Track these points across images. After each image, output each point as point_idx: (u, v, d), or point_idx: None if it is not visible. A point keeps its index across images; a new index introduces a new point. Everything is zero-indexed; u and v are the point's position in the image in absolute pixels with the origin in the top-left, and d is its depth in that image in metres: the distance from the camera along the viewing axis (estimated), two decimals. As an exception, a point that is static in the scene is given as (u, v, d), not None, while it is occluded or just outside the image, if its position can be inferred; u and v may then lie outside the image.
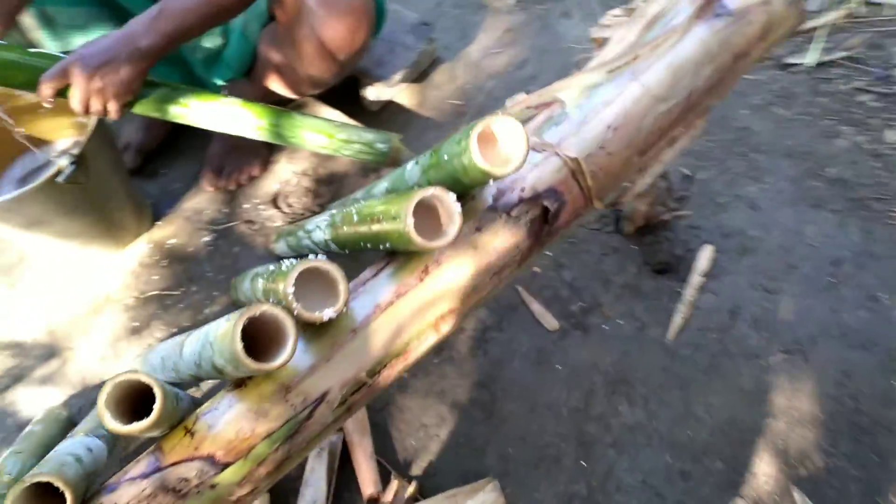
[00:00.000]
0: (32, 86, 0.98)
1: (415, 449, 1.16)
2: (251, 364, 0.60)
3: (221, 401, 0.72)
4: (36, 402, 1.22)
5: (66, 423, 1.15)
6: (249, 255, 1.36)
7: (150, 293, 1.32)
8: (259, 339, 0.65)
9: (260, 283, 0.83)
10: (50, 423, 1.10)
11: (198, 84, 1.40)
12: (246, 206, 1.42)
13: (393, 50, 1.48)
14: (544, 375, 1.22)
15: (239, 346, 0.60)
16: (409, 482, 1.11)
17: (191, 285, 1.33)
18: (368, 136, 1.13)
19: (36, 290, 1.34)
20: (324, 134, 1.12)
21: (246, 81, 1.35)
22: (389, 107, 1.54)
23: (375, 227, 0.75)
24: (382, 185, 0.99)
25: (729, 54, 0.93)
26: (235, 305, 1.29)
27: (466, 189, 0.75)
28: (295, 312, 0.66)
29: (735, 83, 0.98)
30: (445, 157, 0.73)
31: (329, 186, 1.44)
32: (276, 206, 1.41)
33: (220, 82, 1.36)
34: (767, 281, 1.31)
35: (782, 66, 1.59)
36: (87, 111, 0.98)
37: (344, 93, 1.50)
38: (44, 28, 1.28)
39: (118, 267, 1.35)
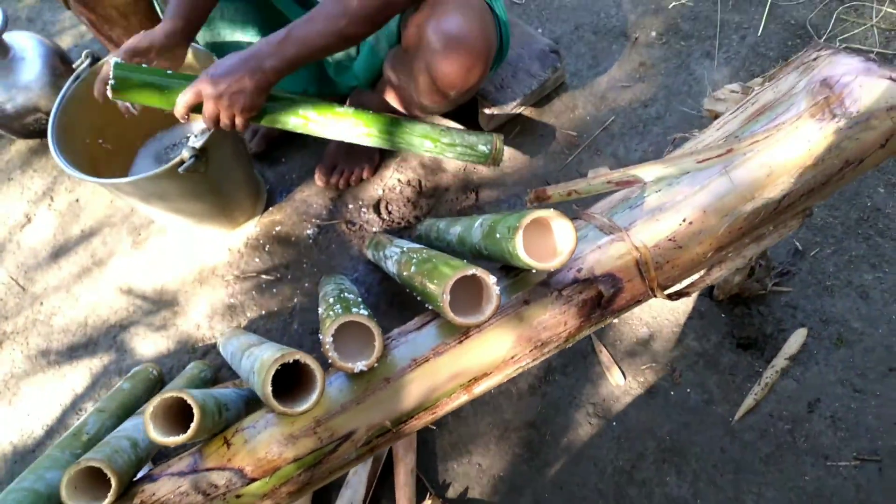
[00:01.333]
0: (170, 105, 1.09)
1: (455, 473, 1.21)
2: (277, 407, 0.66)
3: (260, 420, 0.79)
4: (137, 354, 1.38)
5: (156, 382, 1.30)
6: (344, 254, 1.45)
7: (250, 274, 1.44)
8: (295, 371, 0.71)
9: (321, 309, 0.89)
10: (138, 381, 1.24)
11: (328, 84, 1.48)
12: (350, 206, 1.50)
13: (516, 75, 1.48)
14: (598, 429, 1.22)
15: (268, 389, 0.66)
16: (443, 505, 1.16)
17: (287, 273, 1.44)
18: (471, 138, 1.17)
19: (154, 251, 1.50)
20: (429, 139, 1.17)
21: (370, 91, 1.41)
22: (504, 128, 1.55)
23: (424, 285, 0.79)
24: (457, 228, 1.03)
25: (839, 160, 0.87)
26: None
27: (514, 267, 0.77)
28: (329, 360, 0.72)
29: (837, 190, 0.91)
30: (498, 236, 0.75)
31: (429, 199, 1.49)
32: (377, 212, 1.48)
33: (347, 87, 1.44)
34: (858, 379, 1.22)
35: None
36: (216, 125, 1.07)
37: (462, 108, 1.53)
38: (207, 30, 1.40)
39: (227, 244, 1.48)
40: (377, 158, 1.53)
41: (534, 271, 0.81)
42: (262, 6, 1.38)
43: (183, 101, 1.06)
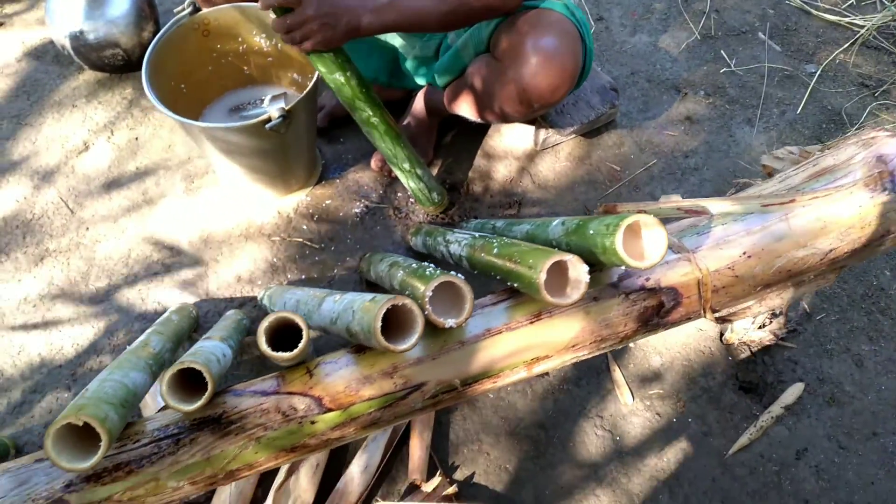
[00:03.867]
0: None
1: (465, 457, 1.27)
2: (382, 341, 0.73)
3: (341, 357, 0.86)
4: (175, 295, 1.43)
5: (195, 321, 1.35)
6: (386, 237, 1.52)
7: (295, 239, 1.50)
8: (388, 318, 0.78)
9: (400, 273, 0.96)
10: (183, 316, 1.29)
11: (399, 77, 1.57)
12: (399, 194, 1.57)
13: (577, 104, 1.58)
14: (602, 441, 1.30)
15: (378, 323, 0.73)
16: (451, 484, 1.22)
17: (330, 244, 1.50)
18: (433, 184, 1.45)
19: (206, 200, 1.55)
20: (410, 161, 1.38)
21: (441, 91, 1.50)
22: (553, 150, 1.65)
23: (510, 266, 0.87)
24: (525, 226, 1.11)
25: (882, 228, 0.97)
26: (360, 276, 1.44)
27: (597, 263, 0.85)
28: (425, 312, 0.79)
29: (878, 254, 1.02)
30: (591, 232, 0.83)
31: (473, 203, 1.57)
32: (423, 204, 1.56)
33: (420, 83, 1.52)
34: (845, 437, 1.32)
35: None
36: (287, 34, 1.13)
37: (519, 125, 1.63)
38: None
39: (278, 207, 1.54)
40: (431, 154, 1.61)
41: (612, 271, 0.89)
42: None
43: None
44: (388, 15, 1.14)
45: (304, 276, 1.46)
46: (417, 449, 1.24)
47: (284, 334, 0.81)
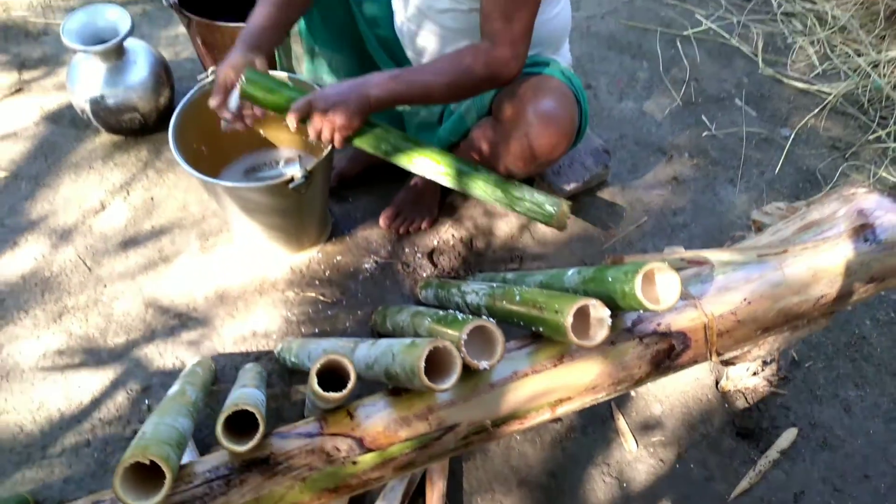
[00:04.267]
0: (283, 111, 1.23)
1: (479, 505, 1.31)
2: (425, 381, 0.79)
3: (379, 401, 0.91)
4: (192, 349, 1.46)
5: (214, 374, 1.39)
6: (395, 292, 1.58)
7: (308, 294, 1.56)
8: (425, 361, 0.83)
9: (426, 321, 1.03)
10: (206, 368, 1.33)
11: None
12: (407, 250, 1.65)
13: (572, 165, 1.69)
14: (610, 488, 1.35)
15: (422, 364, 0.79)
16: (468, 531, 1.25)
17: (342, 299, 1.56)
18: (539, 197, 1.28)
19: (220, 257, 1.61)
20: (500, 189, 1.29)
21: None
22: (550, 209, 1.74)
23: (535, 313, 0.94)
24: (538, 277, 1.18)
25: (866, 275, 1.06)
26: (372, 329, 1.50)
27: (615, 308, 0.93)
28: (461, 354, 0.85)
29: (864, 299, 1.11)
30: (609, 279, 0.91)
31: (477, 257, 1.65)
32: (430, 259, 1.63)
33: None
34: (838, 480, 1.39)
35: (916, 293, 1.68)
36: (318, 138, 1.22)
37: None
38: (308, 61, 1.58)
39: (290, 264, 1.60)
40: (437, 212, 1.70)
41: (626, 316, 0.96)
42: (363, 62, 1.57)
43: (296, 107, 1.20)
44: (394, 85, 1.21)
45: (317, 330, 1.51)
46: (434, 499, 1.28)
47: (324, 378, 0.86)
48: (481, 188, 1.31)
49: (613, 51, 2.19)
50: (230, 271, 1.59)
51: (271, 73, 1.29)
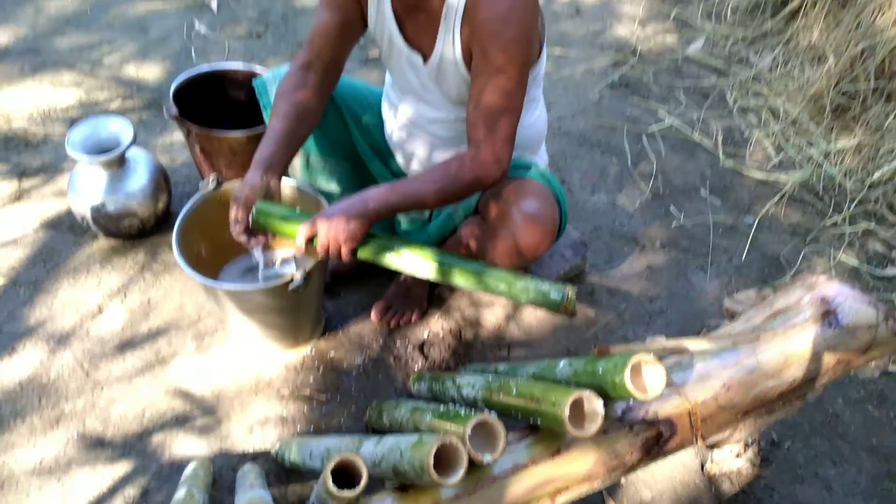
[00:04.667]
0: (291, 236, 1.31)
1: None
2: (434, 476, 0.84)
3: (387, 497, 0.95)
4: (190, 451, 1.48)
5: (213, 476, 1.40)
6: (388, 386, 1.63)
7: (303, 392, 1.60)
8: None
9: (428, 417, 1.08)
10: (206, 471, 1.35)
11: (397, 234, 1.75)
12: (398, 343, 1.71)
13: (552, 257, 1.79)
14: (607, 574, 1.37)
15: (431, 460, 0.84)
16: None
17: (336, 395, 1.60)
18: (543, 287, 1.27)
19: (216, 357, 1.65)
20: (504, 282, 1.30)
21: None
22: (533, 299, 1.82)
23: (532, 405, 1.00)
24: (530, 368, 1.25)
25: (833, 358, 1.15)
26: (367, 425, 1.53)
27: (606, 398, 0.99)
28: (466, 450, 0.90)
29: (835, 380, 1.19)
30: (600, 371, 0.98)
31: (468, 348, 1.71)
32: (421, 352, 1.69)
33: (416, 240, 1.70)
34: (828, 559, 1.43)
35: (884, 373, 1.76)
36: (326, 255, 1.29)
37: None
38: (303, 166, 1.67)
39: (285, 362, 1.65)
40: (426, 304, 1.77)
41: (617, 405, 1.03)
42: (356, 166, 1.68)
43: (303, 232, 1.29)
44: (391, 197, 1.31)
45: (312, 428, 1.54)
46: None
47: (334, 476, 0.90)
48: (485, 283, 1.35)
49: (584, 147, 2.33)
50: (226, 371, 1.62)
51: (288, 182, 1.37)
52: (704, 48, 2.80)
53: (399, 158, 1.61)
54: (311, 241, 1.29)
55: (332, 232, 1.27)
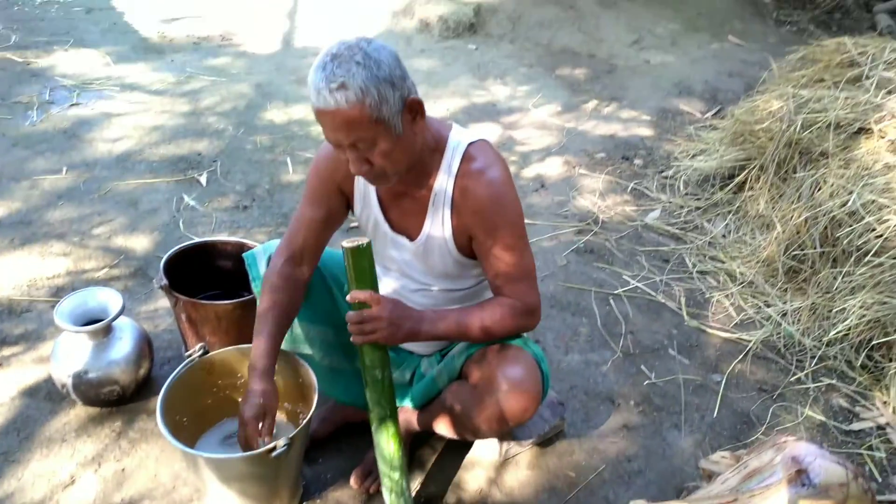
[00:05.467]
0: (360, 287, 1.37)
1: None
2: None
3: None
4: None
5: None
6: (369, 557, 1.58)
7: (281, 563, 1.55)
8: None
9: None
10: None
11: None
12: (378, 510, 1.68)
13: (532, 418, 1.81)
14: None
15: None
16: None
17: (315, 567, 1.55)
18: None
19: (191, 528, 1.61)
20: (401, 474, 1.51)
21: (414, 411, 1.71)
22: (514, 460, 1.83)
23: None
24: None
25: (810, 517, 1.18)
26: None
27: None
28: None
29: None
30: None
31: (449, 515, 1.69)
32: (402, 519, 1.66)
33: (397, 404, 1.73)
34: None
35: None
36: (357, 324, 1.36)
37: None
38: (288, 334, 1.72)
39: (262, 531, 1.60)
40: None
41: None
42: (338, 332, 1.73)
43: (366, 295, 1.36)
44: (439, 327, 1.43)
45: None
46: None
47: None
48: (390, 462, 1.50)
49: (556, 309, 2.44)
50: (201, 543, 1.57)
51: None
52: (661, 217, 3.02)
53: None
54: (361, 304, 1.37)
55: (384, 323, 1.36)
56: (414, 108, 1.29)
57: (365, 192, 1.50)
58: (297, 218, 1.54)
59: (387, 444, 1.48)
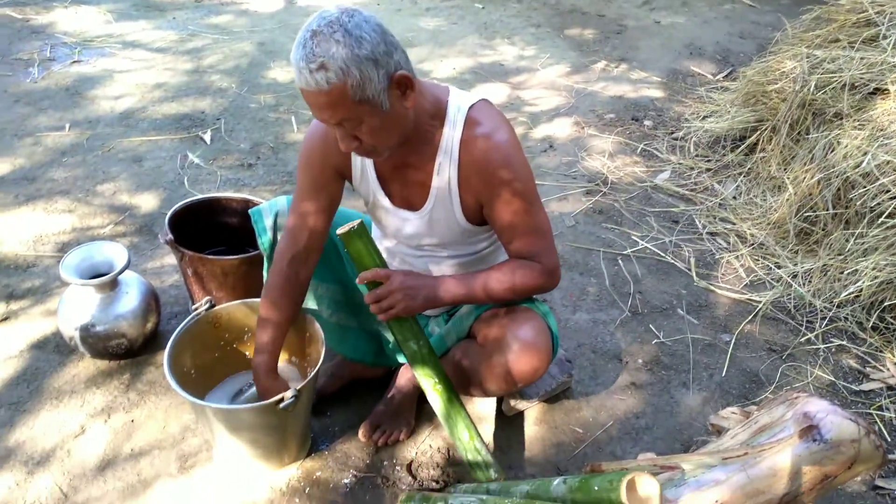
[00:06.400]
0: (365, 267, 1.38)
1: None
2: None
3: None
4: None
5: None
6: (376, 508, 1.60)
7: (289, 514, 1.56)
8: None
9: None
10: None
11: (383, 357, 1.77)
12: (385, 463, 1.69)
13: (539, 376, 1.81)
14: None
15: None
16: None
17: (323, 517, 1.56)
18: (490, 458, 1.46)
19: (200, 479, 1.61)
20: (470, 433, 1.46)
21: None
22: (521, 416, 1.83)
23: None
24: (523, 486, 1.25)
25: (819, 472, 1.17)
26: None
27: (602, 514, 1.00)
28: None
29: (825, 494, 1.20)
30: (596, 488, 0.99)
31: (455, 468, 1.69)
32: (409, 471, 1.67)
33: (402, 361, 1.72)
34: None
35: (873, 487, 1.77)
36: (376, 303, 1.38)
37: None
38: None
39: (270, 483, 1.61)
40: (413, 423, 1.76)
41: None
42: (345, 290, 1.72)
43: (371, 274, 1.38)
44: (459, 292, 1.42)
45: (298, 553, 1.49)
46: None
47: None
48: (454, 418, 1.47)
49: (564, 268, 2.42)
50: (210, 494, 1.58)
51: None
52: (671, 178, 2.99)
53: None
54: (373, 283, 1.38)
55: (399, 295, 1.36)
56: (402, 84, 1.21)
57: (362, 167, 1.46)
58: (297, 214, 1.48)
59: (444, 411, 1.48)
